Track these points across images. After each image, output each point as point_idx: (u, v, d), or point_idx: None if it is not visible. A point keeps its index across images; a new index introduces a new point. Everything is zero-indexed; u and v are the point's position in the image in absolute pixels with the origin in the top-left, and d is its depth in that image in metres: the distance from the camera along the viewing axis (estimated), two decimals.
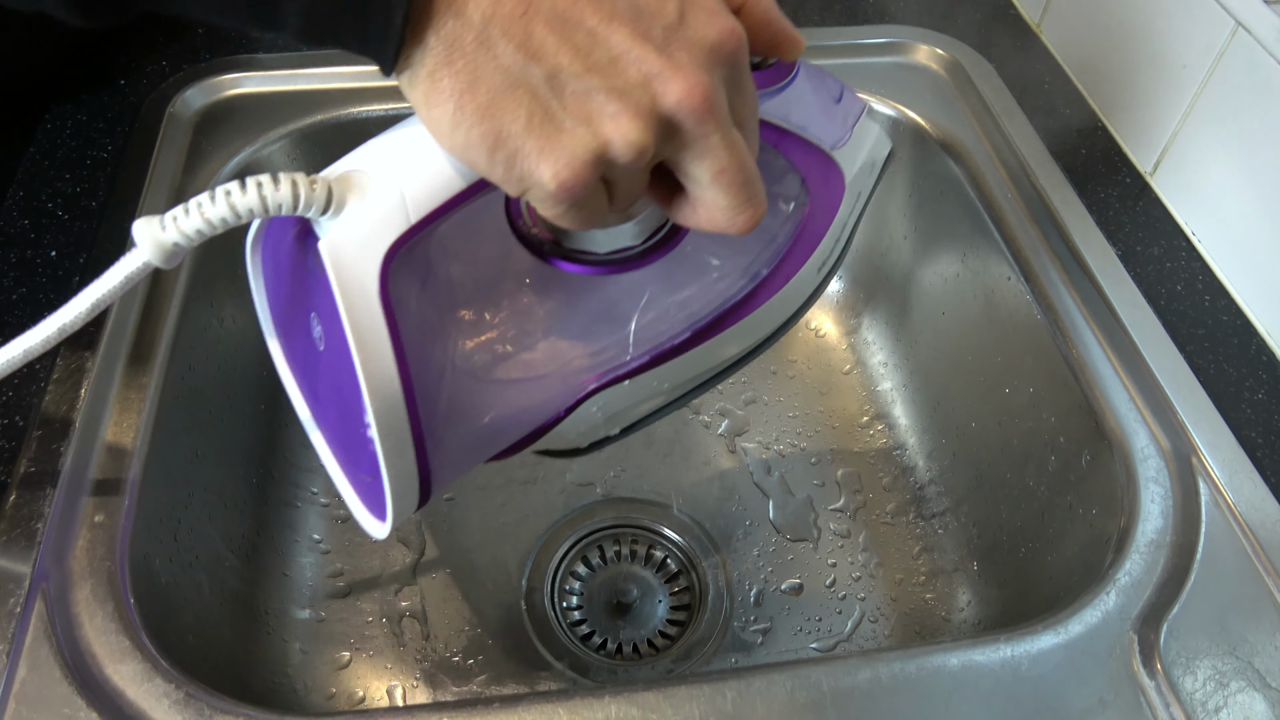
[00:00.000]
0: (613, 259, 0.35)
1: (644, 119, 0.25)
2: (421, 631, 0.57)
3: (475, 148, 0.25)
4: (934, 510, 0.63)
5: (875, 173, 0.41)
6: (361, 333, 0.28)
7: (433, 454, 0.32)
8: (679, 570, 0.61)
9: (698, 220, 0.29)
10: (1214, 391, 0.49)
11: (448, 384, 0.32)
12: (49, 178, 0.56)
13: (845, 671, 0.39)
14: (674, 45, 0.25)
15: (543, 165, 0.25)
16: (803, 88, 0.35)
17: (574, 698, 0.37)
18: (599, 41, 0.24)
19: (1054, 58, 0.69)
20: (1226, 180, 0.54)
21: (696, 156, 0.26)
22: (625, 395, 0.37)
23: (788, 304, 0.40)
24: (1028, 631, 0.40)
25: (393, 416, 0.29)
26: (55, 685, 0.36)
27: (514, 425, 0.36)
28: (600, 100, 0.24)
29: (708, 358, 0.38)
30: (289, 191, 0.26)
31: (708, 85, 0.25)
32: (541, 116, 0.24)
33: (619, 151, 0.25)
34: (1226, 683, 0.39)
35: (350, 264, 0.27)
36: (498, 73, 0.24)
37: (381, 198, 0.27)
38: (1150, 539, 0.43)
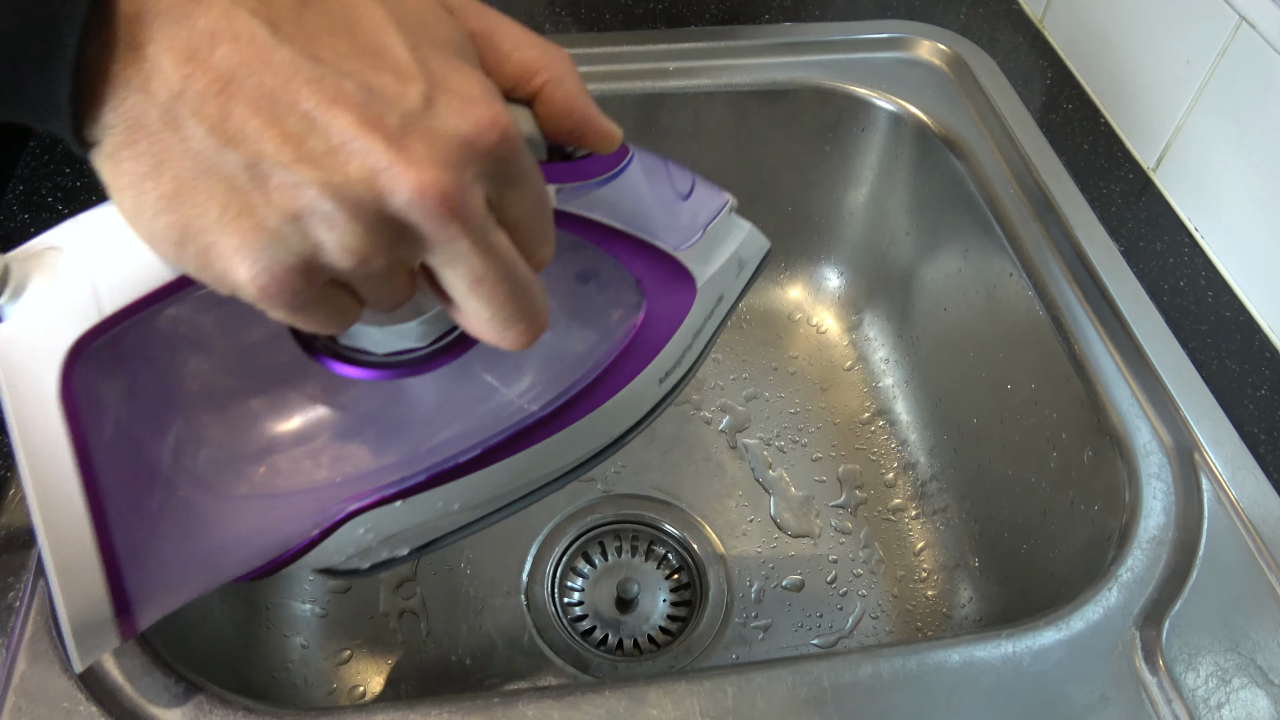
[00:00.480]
0: (391, 361, 0.30)
1: (364, 220, 0.21)
2: (422, 627, 0.57)
3: (162, 239, 0.21)
4: (935, 506, 0.63)
5: (745, 274, 0.37)
6: (31, 438, 0.24)
7: (135, 580, 0.27)
8: (680, 566, 0.61)
9: (470, 330, 0.25)
10: (1217, 387, 0.48)
11: (163, 496, 0.28)
12: (49, 172, 0.56)
13: (846, 667, 0.38)
14: (411, 136, 0.21)
15: (239, 266, 0.21)
16: (635, 181, 0.31)
17: (574, 693, 0.37)
18: (315, 128, 0.20)
19: (1056, 52, 0.69)
20: (1229, 176, 0.54)
21: (445, 264, 0.23)
22: (400, 516, 0.32)
23: (618, 419, 0.35)
24: (1029, 627, 0.40)
25: (69, 537, 0.25)
26: (55, 679, 0.36)
27: (256, 546, 0.31)
28: (311, 196, 0.20)
29: (508, 477, 0.34)
30: None
31: (448, 183, 0.21)
32: (238, 210, 0.21)
33: (334, 257, 0.21)
34: (1229, 679, 0.39)
35: (23, 358, 0.23)
36: (186, 157, 0.20)
37: (70, 284, 0.23)
38: (1152, 535, 0.43)
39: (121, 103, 0.20)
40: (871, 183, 0.69)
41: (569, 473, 0.36)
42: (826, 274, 0.74)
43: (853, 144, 0.68)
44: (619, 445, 0.37)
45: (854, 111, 0.66)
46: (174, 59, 0.20)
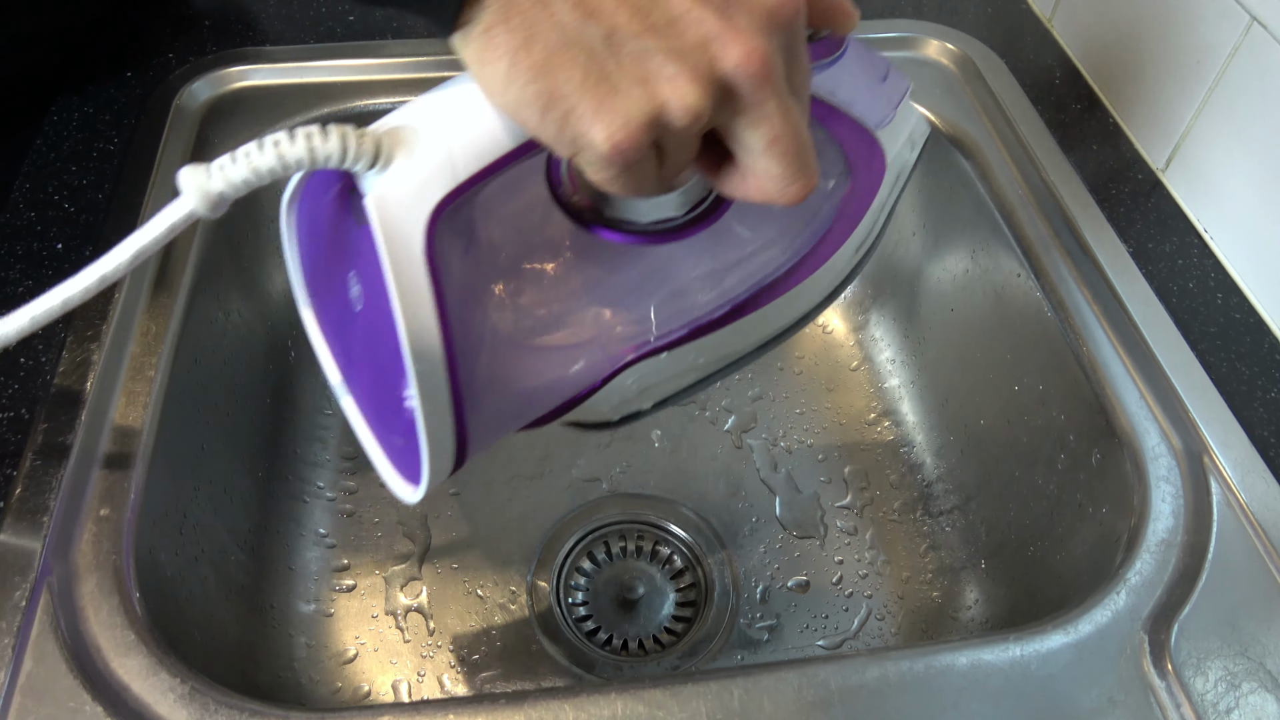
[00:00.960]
0: (654, 229, 0.34)
1: (701, 82, 0.24)
2: (427, 626, 0.56)
3: (528, 106, 0.25)
4: (941, 508, 0.63)
5: (915, 153, 0.41)
6: (405, 290, 0.27)
7: (470, 418, 0.31)
8: (685, 566, 0.61)
9: (747, 190, 0.28)
10: (1226, 390, 0.48)
11: (487, 347, 0.32)
12: (55, 170, 0.56)
13: (853, 670, 0.38)
14: (733, 9, 0.24)
15: (596, 126, 0.24)
16: (851, 64, 0.35)
17: (580, 694, 0.37)
18: (658, 3, 0.24)
19: (1065, 52, 0.69)
20: (1240, 177, 0.54)
21: (751, 123, 0.26)
22: (661, 368, 0.36)
23: (825, 283, 0.39)
24: (1037, 631, 0.40)
25: (433, 377, 0.29)
26: (60, 679, 0.36)
27: (550, 393, 0.35)
28: (658, 61, 0.24)
29: (744, 334, 0.38)
30: (338, 144, 0.26)
31: (766, 50, 0.25)
32: (597, 76, 0.24)
33: (674, 114, 0.24)
34: (1238, 684, 0.39)
35: (396, 220, 0.26)
36: (554, 30, 0.24)
37: (429, 154, 0.27)
38: (1161, 538, 0.43)
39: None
40: None
41: (786, 331, 0.40)
42: None
43: None
44: (823, 307, 0.41)
45: None
46: None
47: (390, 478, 0.34)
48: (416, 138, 0.27)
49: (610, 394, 0.36)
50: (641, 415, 0.40)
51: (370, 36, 0.66)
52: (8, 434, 0.43)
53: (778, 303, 0.37)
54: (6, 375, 0.46)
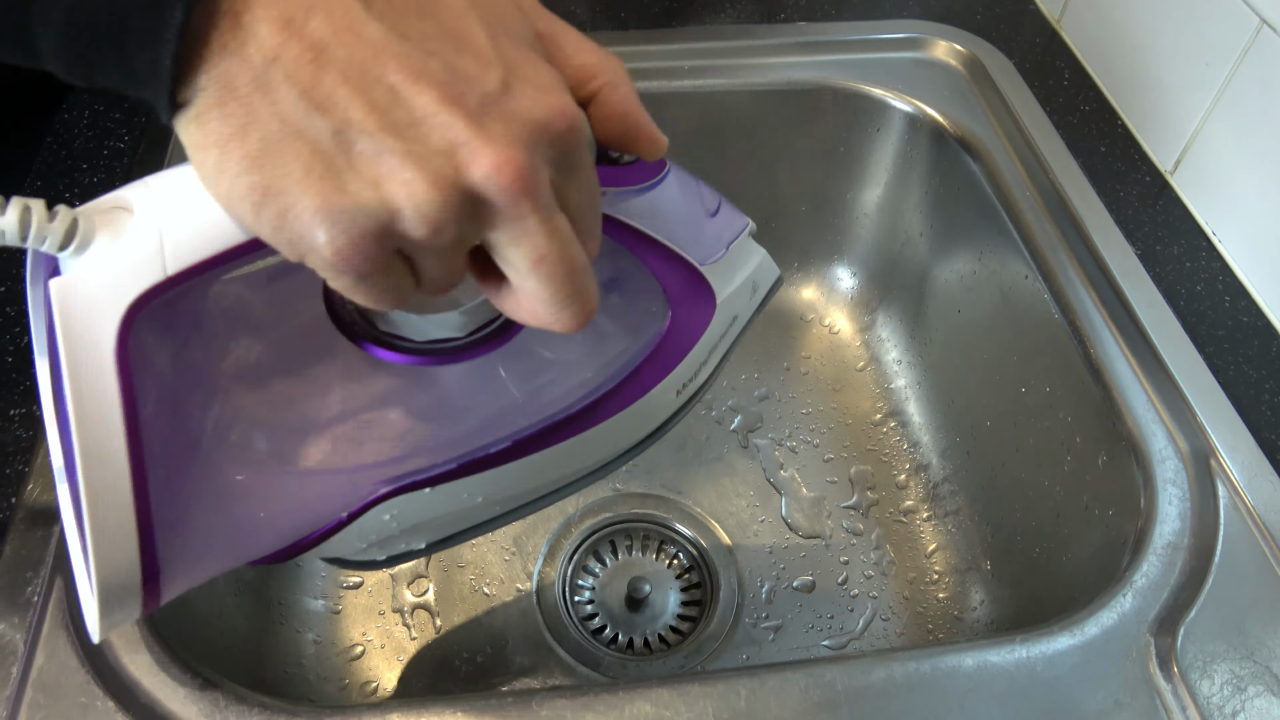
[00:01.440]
0: (430, 349, 0.31)
1: (442, 190, 0.22)
2: (433, 624, 0.57)
3: (241, 199, 0.22)
4: (947, 509, 0.63)
5: (757, 297, 0.38)
6: (83, 392, 0.24)
7: (166, 549, 0.27)
8: (691, 566, 0.61)
9: (520, 312, 0.26)
10: (1233, 393, 0.48)
11: (200, 468, 0.28)
12: (66, 168, 0.56)
13: (859, 670, 0.38)
14: (490, 116, 0.22)
15: (317, 228, 0.22)
16: (670, 193, 0.32)
17: (588, 693, 0.37)
18: (400, 100, 0.22)
19: (1073, 54, 0.69)
20: (1248, 180, 0.54)
21: (511, 240, 0.23)
22: (426, 505, 0.33)
23: (636, 425, 0.36)
24: (1043, 633, 0.40)
25: (109, 496, 0.25)
26: (72, 673, 0.37)
27: (285, 525, 0.31)
28: (393, 164, 0.21)
29: (534, 473, 0.34)
30: (15, 218, 0.22)
31: (522, 162, 0.22)
32: (321, 172, 0.21)
33: (410, 224, 0.22)
34: (1244, 687, 0.39)
35: (81, 311, 0.23)
36: (274, 120, 0.21)
37: (137, 241, 0.23)
38: (1168, 541, 0.43)
39: (215, 67, 0.21)
40: (886, 183, 0.69)
41: (584, 477, 0.37)
42: (840, 274, 0.74)
43: (868, 144, 0.68)
44: (635, 452, 0.37)
45: (869, 112, 0.66)
46: (270, 27, 0.21)
47: (88, 603, 0.28)
48: (127, 221, 0.24)
49: (364, 530, 0.32)
50: (414, 555, 0.36)
51: None
52: (20, 430, 0.44)
53: (574, 442, 0.34)
54: (19, 372, 0.46)
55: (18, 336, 0.47)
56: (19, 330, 0.47)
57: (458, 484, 0.33)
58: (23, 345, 0.47)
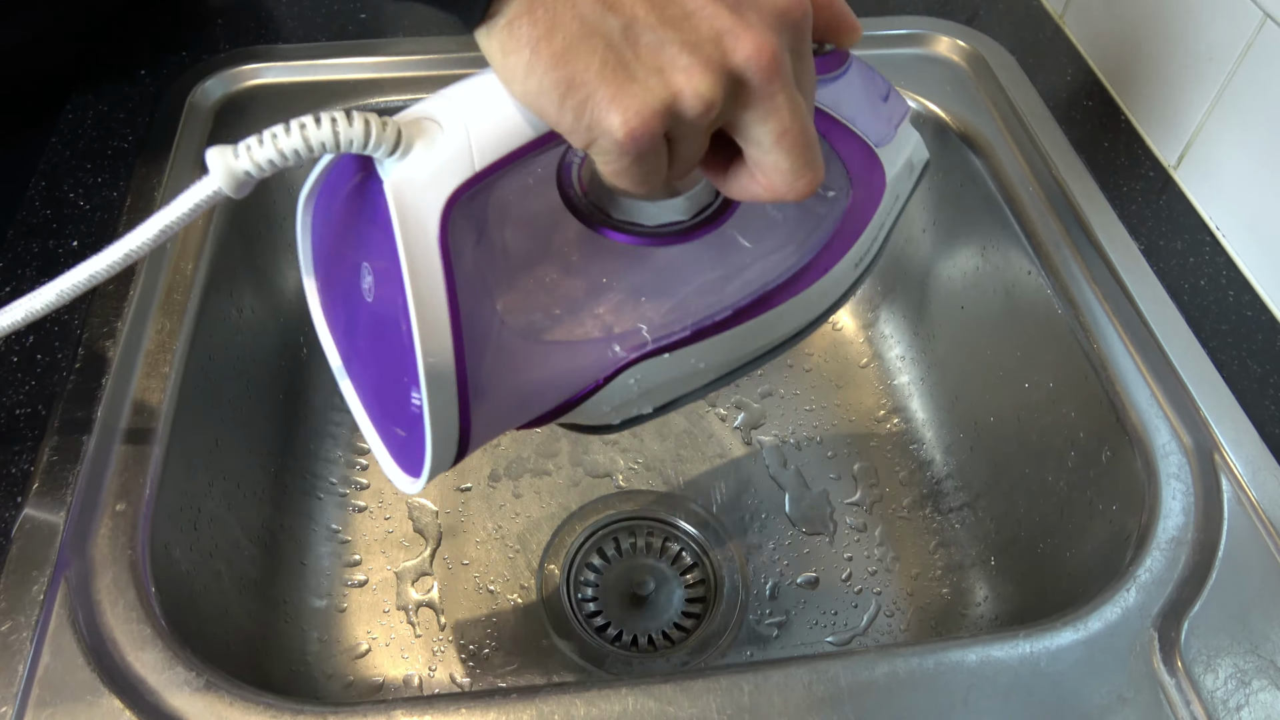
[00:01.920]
0: (660, 231, 0.35)
1: (714, 73, 0.25)
2: (438, 621, 0.57)
3: (547, 94, 0.25)
4: (951, 505, 0.63)
5: (914, 177, 0.41)
6: (418, 276, 0.28)
7: (474, 410, 0.32)
8: (694, 563, 0.61)
9: (755, 188, 0.29)
10: (1237, 387, 0.48)
11: (493, 340, 0.33)
12: (70, 168, 0.57)
13: (863, 666, 0.38)
14: (745, 6, 0.26)
15: (613, 113, 0.25)
16: (853, 80, 0.36)
17: (591, 689, 0.37)
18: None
19: (1076, 49, 0.68)
20: (1252, 174, 0.53)
21: (761, 117, 0.27)
22: (663, 370, 0.37)
23: (824, 296, 0.40)
24: (1047, 628, 0.40)
25: (441, 366, 0.29)
26: (78, 671, 0.37)
27: (552, 389, 0.36)
28: (673, 52, 0.25)
29: (745, 340, 0.38)
30: (361, 129, 0.27)
31: (775, 46, 0.26)
32: (615, 64, 0.25)
33: (688, 103, 0.25)
34: (1248, 681, 0.39)
35: (413, 206, 0.27)
36: (575, 21, 0.25)
37: (448, 143, 0.27)
38: (1171, 536, 0.43)
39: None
40: None
41: (784, 343, 0.41)
42: None
43: None
44: (820, 321, 0.41)
45: None
46: None
47: (390, 468, 0.35)
48: (437, 127, 0.28)
49: (612, 394, 0.37)
50: (643, 419, 0.40)
51: (381, 34, 0.66)
52: (25, 429, 0.44)
53: (777, 311, 0.38)
54: (24, 371, 0.46)
55: (22, 336, 0.47)
56: (22, 331, 0.48)
57: (689, 349, 0.37)
58: (27, 345, 0.47)
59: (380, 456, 0.35)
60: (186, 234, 0.54)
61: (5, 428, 0.44)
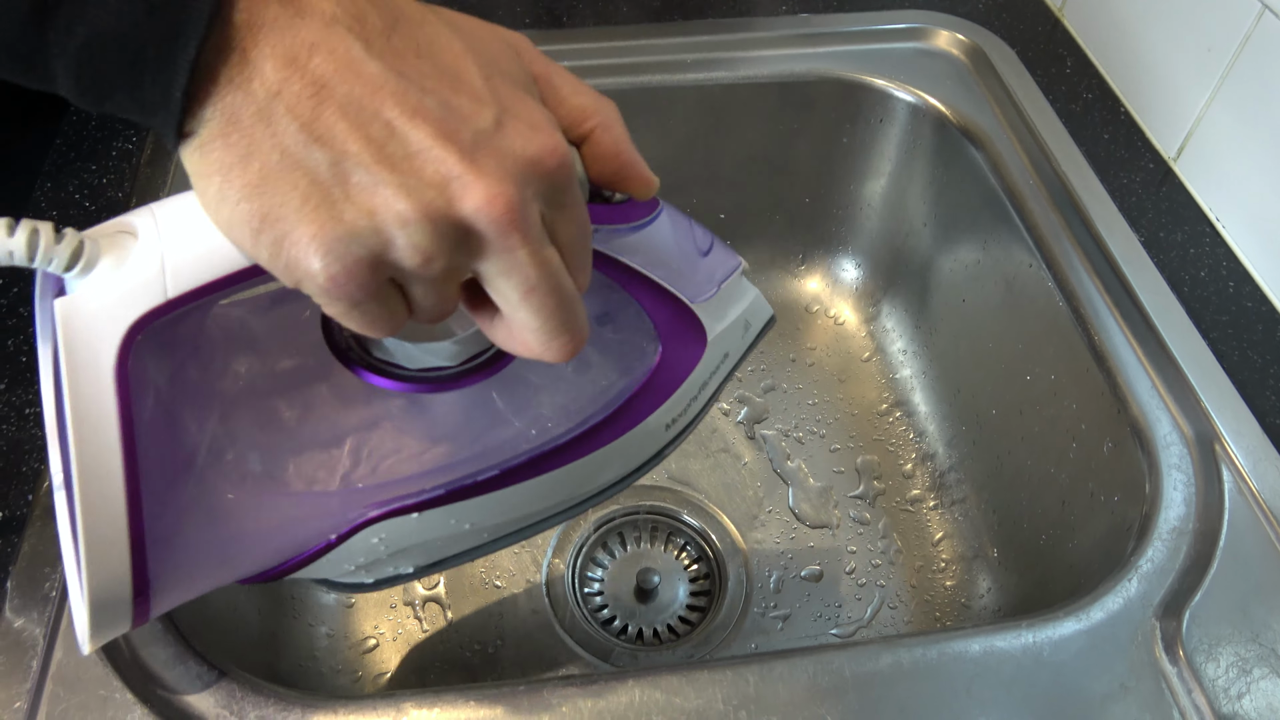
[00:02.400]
0: (423, 377, 0.31)
1: (433, 222, 0.23)
2: (444, 615, 0.57)
3: (240, 226, 0.23)
4: (954, 497, 0.63)
5: (749, 335, 0.39)
6: (82, 409, 0.24)
7: (157, 565, 0.28)
8: (699, 557, 0.62)
9: (512, 343, 0.27)
10: (1238, 378, 0.48)
11: (193, 485, 0.29)
12: (75, 169, 0.57)
13: (867, 656, 0.39)
14: (482, 152, 0.23)
15: (312, 255, 0.22)
16: (662, 232, 0.33)
17: (598, 682, 0.38)
18: (396, 135, 0.22)
19: (1076, 42, 0.69)
20: (1251, 165, 0.54)
21: (502, 272, 0.24)
22: (413, 530, 0.33)
23: (625, 458, 0.37)
24: (1050, 618, 0.40)
25: (103, 511, 0.26)
26: (91, 667, 0.37)
27: (274, 544, 0.32)
28: (388, 194, 0.22)
29: (520, 502, 0.35)
30: (23, 239, 0.23)
31: (513, 196, 0.23)
32: (318, 201, 0.22)
33: (402, 253, 0.23)
34: (1249, 669, 0.39)
35: (84, 330, 0.24)
36: (275, 151, 0.22)
37: (140, 264, 0.24)
38: (1173, 526, 0.43)
39: (221, 99, 0.22)
40: (890, 174, 0.69)
41: (572, 507, 0.38)
42: (844, 265, 0.74)
43: (871, 135, 0.68)
44: (624, 484, 0.38)
45: (872, 103, 0.66)
46: (275, 64, 0.22)
47: (79, 615, 0.29)
48: (131, 244, 0.25)
49: (351, 553, 0.33)
50: (403, 579, 0.36)
51: None
52: (35, 428, 0.44)
53: (562, 472, 0.34)
54: (33, 372, 0.46)
55: (31, 336, 0.48)
56: (31, 331, 0.48)
57: (446, 510, 0.33)
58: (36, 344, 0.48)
59: (74, 602, 0.29)
60: None
61: (15, 427, 0.44)
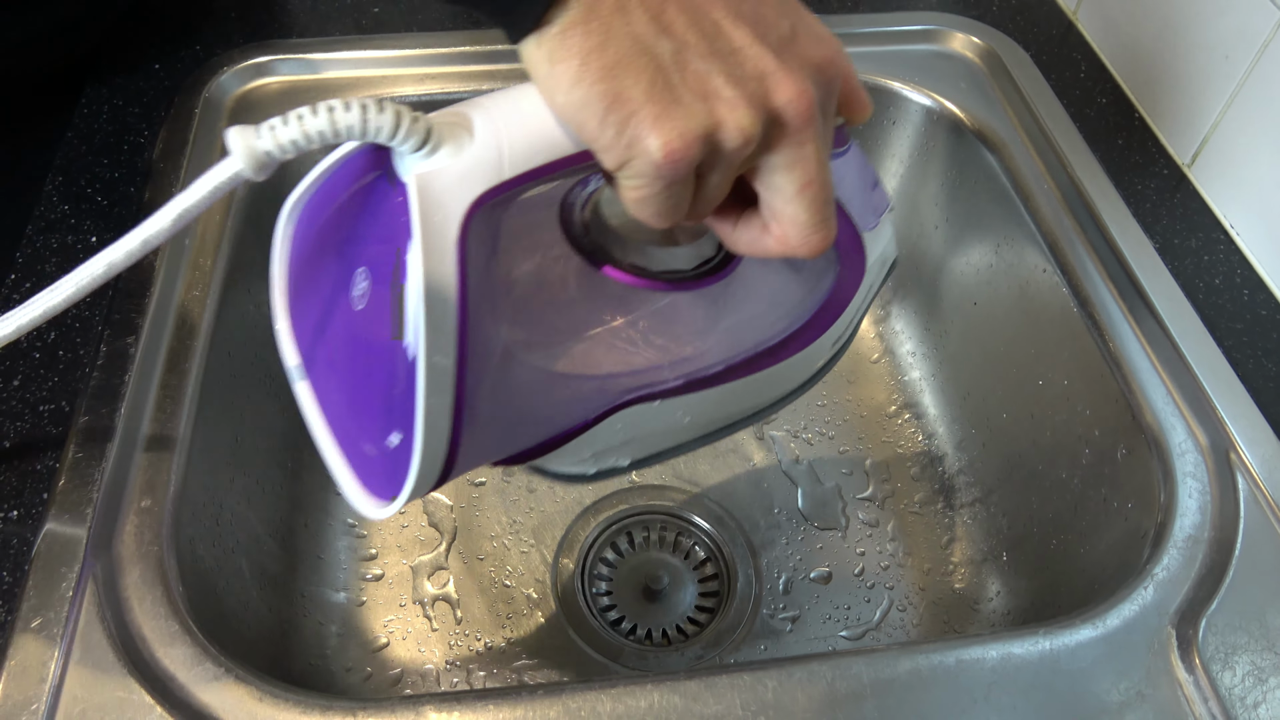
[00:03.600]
0: (663, 276, 0.35)
1: (756, 109, 0.26)
2: (454, 615, 0.57)
3: (591, 106, 0.25)
4: (963, 500, 0.63)
5: (884, 269, 0.42)
6: (434, 277, 0.27)
7: (465, 429, 0.30)
8: (708, 557, 0.62)
9: (766, 239, 0.30)
10: (1253, 386, 0.48)
11: (493, 361, 0.31)
12: (87, 163, 0.57)
13: (885, 663, 0.39)
14: (788, 53, 0.27)
15: (654, 133, 0.25)
16: (851, 163, 0.36)
17: (617, 685, 0.38)
18: (723, 33, 0.26)
19: (1090, 46, 0.68)
20: (1267, 173, 0.54)
21: (788, 164, 0.27)
22: (649, 418, 0.36)
23: (802, 369, 0.40)
24: (1066, 625, 0.40)
25: (443, 376, 0.28)
26: (109, 667, 0.37)
27: (544, 422, 0.35)
28: (719, 83, 0.26)
29: (728, 400, 0.38)
30: (391, 119, 0.26)
31: (813, 94, 0.27)
32: (662, 86, 0.25)
33: (729, 134, 0.26)
34: (1265, 678, 0.39)
35: (436, 204, 0.27)
36: (628, 38, 0.25)
37: (479, 146, 0.27)
38: (1188, 534, 0.44)
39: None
40: (903, 176, 0.69)
41: (759, 411, 0.41)
42: None
43: (884, 137, 0.68)
44: (794, 396, 0.42)
45: (885, 104, 0.66)
46: None
47: (352, 489, 0.32)
48: (468, 129, 0.27)
49: (595, 437, 0.36)
50: (618, 471, 0.40)
51: (395, 28, 0.66)
52: (49, 426, 0.44)
53: (762, 375, 0.38)
54: (46, 368, 0.46)
55: (44, 333, 0.48)
56: (45, 327, 0.48)
57: (678, 400, 0.36)
58: (49, 341, 0.47)
59: (341, 476, 0.32)
60: (204, 230, 0.54)
61: (30, 424, 0.44)
